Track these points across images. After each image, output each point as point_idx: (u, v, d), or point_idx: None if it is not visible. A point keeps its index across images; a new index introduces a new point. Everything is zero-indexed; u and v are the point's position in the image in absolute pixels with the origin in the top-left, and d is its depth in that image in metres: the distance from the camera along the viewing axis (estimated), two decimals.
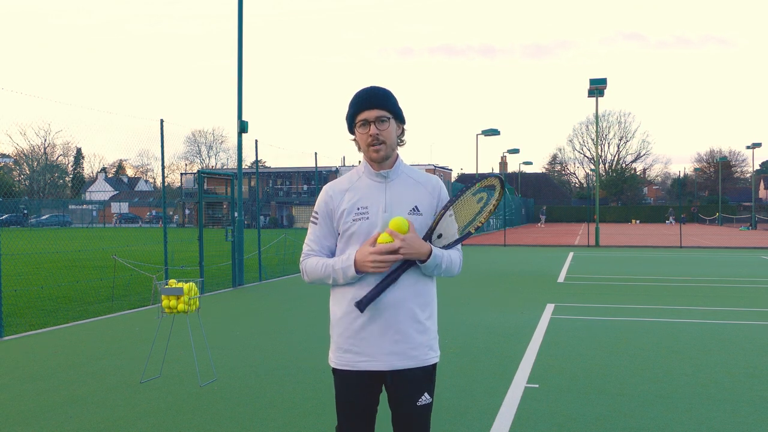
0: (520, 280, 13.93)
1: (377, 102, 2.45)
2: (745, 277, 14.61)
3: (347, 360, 2.48)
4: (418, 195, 2.52)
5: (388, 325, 2.43)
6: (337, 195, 2.52)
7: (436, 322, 2.58)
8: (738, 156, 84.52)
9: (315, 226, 2.57)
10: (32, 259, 17.44)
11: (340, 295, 2.51)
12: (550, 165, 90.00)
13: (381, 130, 2.44)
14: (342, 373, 2.51)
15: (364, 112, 2.44)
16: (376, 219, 2.45)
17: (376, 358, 2.45)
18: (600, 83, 28.84)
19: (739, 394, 5.29)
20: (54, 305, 10.41)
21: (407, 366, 2.45)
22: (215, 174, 15.96)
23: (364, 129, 2.45)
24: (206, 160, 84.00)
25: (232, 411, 4.92)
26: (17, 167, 68.28)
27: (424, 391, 2.49)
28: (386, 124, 2.45)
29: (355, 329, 2.46)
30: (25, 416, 4.83)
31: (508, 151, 49.70)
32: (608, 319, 8.94)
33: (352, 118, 2.48)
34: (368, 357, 2.45)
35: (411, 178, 2.56)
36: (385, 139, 2.45)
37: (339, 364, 2.51)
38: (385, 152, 2.47)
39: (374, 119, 2.43)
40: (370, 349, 2.45)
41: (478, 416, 4.78)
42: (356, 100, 2.47)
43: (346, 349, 2.48)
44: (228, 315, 9.53)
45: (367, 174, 2.53)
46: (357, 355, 2.46)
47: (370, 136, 2.43)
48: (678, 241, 27.39)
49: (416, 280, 2.47)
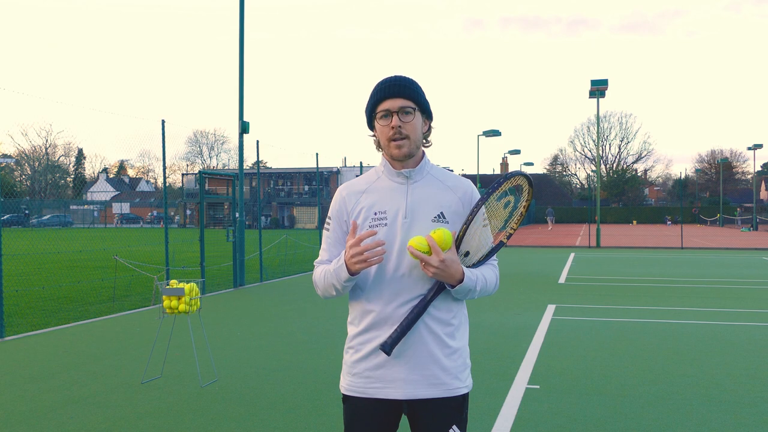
0: (521, 281, 13.93)
1: (402, 91, 2.14)
2: (746, 278, 14.60)
3: (359, 385, 2.18)
4: (446, 200, 2.19)
5: (408, 346, 2.12)
6: (352, 197, 2.22)
7: (467, 347, 2.25)
8: (739, 157, 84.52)
9: (327, 233, 2.27)
10: (33, 260, 17.46)
11: (357, 311, 2.21)
12: (551, 166, 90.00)
13: (405, 123, 2.13)
14: (353, 401, 2.20)
15: (387, 101, 2.14)
16: (395, 226, 2.14)
17: (393, 385, 2.13)
18: (601, 84, 28.85)
19: (739, 396, 5.29)
20: (55, 305, 10.42)
21: (428, 396, 2.13)
22: (216, 174, 15.97)
23: (385, 121, 2.14)
24: (207, 161, 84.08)
25: (232, 411, 4.93)
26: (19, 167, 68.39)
27: (452, 423, 2.16)
28: (411, 116, 2.14)
29: (370, 351, 2.15)
30: (26, 416, 4.84)
31: (509, 152, 49.69)
32: (609, 320, 8.94)
33: (373, 108, 2.18)
34: (383, 383, 2.14)
35: (438, 180, 2.24)
36: (409, 133, 2.14)
37: (350, 389, 2.20)
38: (409, 149, 2.15)
39: (398, 109, 2.13)
40: (387, 375, 2.14)
41: (479, 417, 4.78)
42: (378, 88, 2.17)
43: (357, 373, 2.18)
44: (229, 315, 9.54)
45: (387, 174, 2.22)
46: (370, 380, 2.16)
47: (392, 128, 2.13)
48: (679, 242, 27.38)
49: (443, 297, 2.16)
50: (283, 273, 15.40)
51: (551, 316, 9.22)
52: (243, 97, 13.38)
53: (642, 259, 20.38)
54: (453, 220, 2.17)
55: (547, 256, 21.56)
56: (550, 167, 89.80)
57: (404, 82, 2.17)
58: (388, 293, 2.14)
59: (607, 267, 17.60)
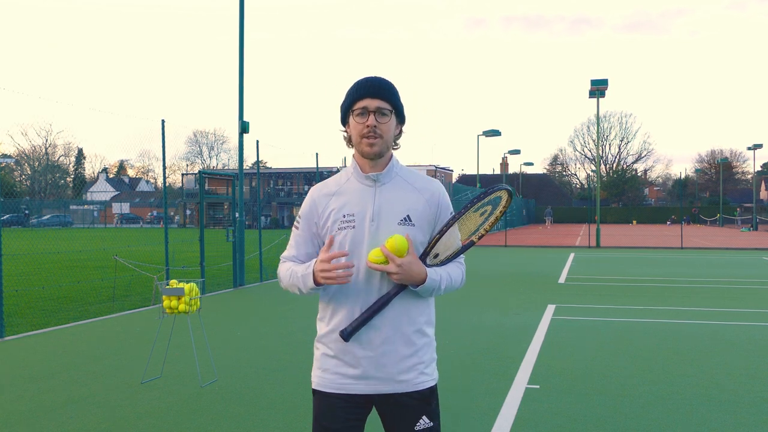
0: (521, 281, 13.93)
1: (381, 92, 2.19)
2: (746, 278, 14.60)
3: (328, 381, 2.25)
4: (413, 202, 2.23)
5: (374, 345, 2.18)
6: (322, 199, 2.27)
7: (434, 340, 2.32)
8: (739, 157, 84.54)
9: (296, 231, 2.33)
10: (33, 260, 17.45)
11: (327, 310, 2.27)
12: (551, 166, 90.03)
13: (380, 123, 2.18)
14: (321, 395, 2.28)
15: (366, 100, 2.18)
16: (363, 228, 2.19)
17: (361, 382, 2.21)
18: (601, 84, 28.86)
19: (740, 396, 5.29)
20: (55, 305, 10.42)
21: (395, 391, 2.20)
22: (216, 174, 15.98)
23: (361, 118, 2.19)
24: (207, 161, 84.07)
25: (232, 411, 4.93)
26: (18, 167, 68.37)
27: (422, 414, 2.23)
28: (387, 118, 2.20)
29: (340, 348, 2.22)
30: (26, 416, 4.84)
31: (509, 152, 49.75)
32: (609, 320, 8.94)
33: (350, 105, 2.22)
34: (352, 380, 2.21)
35: (407, 182, 2.27)
36: (383, 133, 2.19)
37: (319, 385, 2.28)
38: (380, 148, 2.20)
39: (375, 109, 2.17)
40: (355, 372, 2.20)
41: (479, 417, 4.78)
42: (358, 86, 2.22)
43: (327, 369, 2.26)
44: (229, 315, 9.54)
45: (356, 176, 2.27)
46: (338, 376, 2.23)
47: (367, 126, 2.17)
48: (679, 242, 27.38)
49: (409, 294, 2.21)
50: None
51: (551, 316, 9.22)
52: (243, 97, 13.38)
53: (642, 259, 20.38)
54: (419, 223, 2.22)
55: (547, 256, 21.56)
56: (550, 167, 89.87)
57: (384, 84, 2.22)
58: (356, 294, 2.19)
59: (607, 267, 17.60)
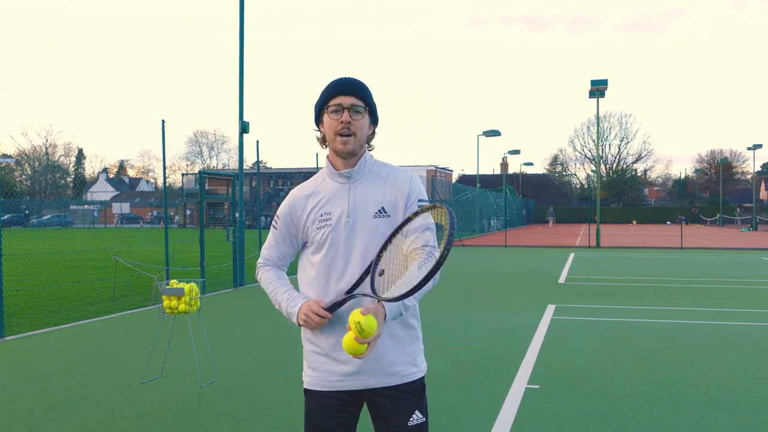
0: (521, 281, 13.93)
1: (355, 90, 2.23)
2: (746, 278, 14.60)
3: (318, 379, 2.26)
4: (385, 194, 2.26)
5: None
6: (300, 201, 2.31)
7: (419, 333, 2.34)
8: (739, 157, 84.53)
9: (275, 231, 2.37)
10: (33, 260, 17.45)
11: None
12: (551, 166, 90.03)
13: (354, 120, 2.21)
14: (313, 394, 2.28)
15: (340, 97, 2.21)
16: (339, 225, 2.22)
17: (351, 377, 2.22)
18: (601, 84, 28.86)
19: (740, 396, 5.29)
20: (55, 305, 10.42)
21: (385, 384, 2.22)
22: (216, 174, 15.99)
23: (336, 115, 2.22)
24: (207, 161, 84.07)
25: (232, 411, 4.93)
26: (19, 167, 68.38)
27: (414, 409, 2.24)
28: (360, 116, 2.23)
29: (328, 346, 2.23)
30: (26, 416, 4.84)
31: (509, 152, 49.70)
32: (609, 320, 8.94)
33: (324, 103, 2.25)
34: (341, 376, 2.22)
35: (379, 175, 2.30)
36: (356, 131, 2.22)
37: (310, 384, 2.29)
38: (353, 146, 2.23)
39: (349, 106, 2.21)
40: (344, 368, 2.21)
41: (478, 417, 4.78)
42: (333, 84, 2.25)
43: (316, 367, 2.27)
44: (229, 315, 9.54)
45: (330, 174, 2.30)
46: (328, 374, 2.24)
47: (341, 122, 2.20)
48: (679, 242, 27.38)
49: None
50: None
51: (551, 316, 9.22)
52: (243, 97, 13.38)
53: (642, 259, 20.38)
54: (394, 213, 2.24)
55: (547, 256, 21.56)
56: (550, 167, 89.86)
57: (359, 84, 2.26)
58: (337, 291, 2.21)
59: (607, 267, 17.60)
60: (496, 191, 46.29)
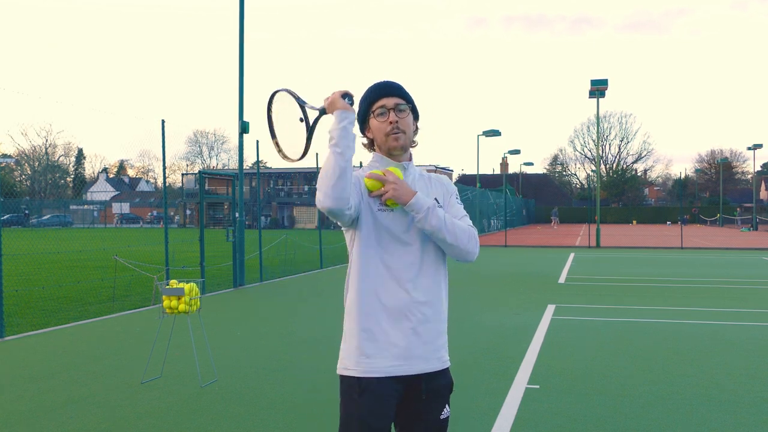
0: (521, 281, 13.93)
1: (396, 91, 2.32)
2: (746, 278, 14.59)
3: (373, 365, 2.21)
4: (435, 191, 2.40)
5: (416, 322, 2.23)
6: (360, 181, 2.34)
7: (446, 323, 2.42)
8: (739, 157, 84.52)
9: None
10: (33, 260, 17.45)
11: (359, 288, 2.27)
12: (551, 166, 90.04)
13: (400, 118, 2.29)
14: (366, 382, 2.21)
15: (383, 99, 2.30)
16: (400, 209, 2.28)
17: (408, 362, 2.22)
18: (601, 84, 28.87)
19: (739, 396, 5.29)
20: (55, 305, 10.42)
21: (433, 369, 2.27)
22: (216, 174, 15.99)
23: (382, 117, 2.29)
24: (207, 161, 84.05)
25: (232, 411, 4.93)
26: (19, 167, 68.38)
27: (446, 403, 2.33)
28: (405, 113, 2.31)
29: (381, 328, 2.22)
30: (26, 416, 4.84)
31: (509, 152, 49.67)
32: (609, 320, 8.94)
33: (369, 107, 2.32)
34: (398, 360, 2.22)
35: (422, 176, 2.45)
36: (405, 128, 2.30)
37: (366, 371, 2.22)
38: (405, 142, 2.31)
39: (393, 106, 2.29)
40: (397, 350, 2.22)
41: (478, 417, 4.78)
42: (374, 88, 2.34)
43: (371, 354, 2.22)
44: (229, 315, 9.54)
45: (385, 165, 2.34)
46: (384, 359, 2.21)
47: (390, 123, 2.28)
48: (679, 242, 27.38)
49: (435, 272, 2.30)
50: (283, 273, 15.40)
51: (551, 316, 9.22)
52: (243, 97, 13.38)
53: (642, 259, 20.38)
54: (444, 205, 2.38)
55: (547, 256, 21.55)
56: (550, 167, 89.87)
57: (397, 84, 2.36)
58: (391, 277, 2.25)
59: (607, 267, 17.60)
60: (496, 191, 46.28)
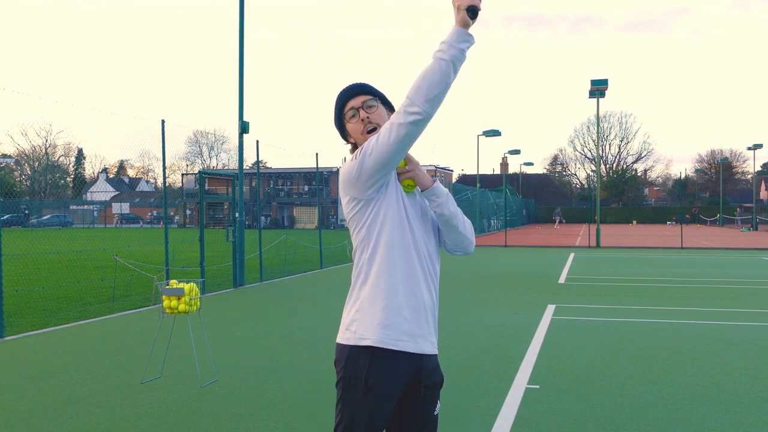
0: (521, 281, 13.93)
1: (360, 89, 2.37)
2: (746, 278, 14.59)
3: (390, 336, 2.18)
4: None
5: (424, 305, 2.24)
6: None
7: None
8: (739, 157, 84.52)
9: None
10: (33, 260, 17.45)
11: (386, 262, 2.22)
12: (551, 166, 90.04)
13: (371, 113, 2.33)
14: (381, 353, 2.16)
15: (350, 101, 2.36)
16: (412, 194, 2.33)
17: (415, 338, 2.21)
18: (601, 84, 28.85)
19: (740, 396, 5.29)
20: (55, 305, 10.42)
21: (432, 352, 2.27)
22: (216, 174, 15.97)
23: (354, 119, 2.35)
24: (207, 161, 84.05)
25: (232, 411, 4.93)
26: (19, 167, 68.37)
27: (438, 399, 2.32)
28: (374, 108, 2.35)
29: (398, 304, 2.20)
30: (26, 416, 4.84)
31: (509, 152, 49.68)
32: (609, 320, 8.94)
33: (341, 112, 2.39)
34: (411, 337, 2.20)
35: None
36: (378, 121, 2.33)
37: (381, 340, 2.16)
38: None
39: (361, 104, 2.34)
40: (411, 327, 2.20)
41: (478, 417, 4.78)
42: (340, 95, 2.40)
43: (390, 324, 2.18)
44: (229, 315, 9.54)
45: None
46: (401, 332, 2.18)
47: (362, 121, 2.32)
48: (679, 242, 27.38)
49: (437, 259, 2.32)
50: (283, 273, 15.40)
51: (551, 316, 9.22)
52: (243, 97, 13.38)
53: (642, 259, 20.38)
54: None
55: (547, 256, 21.56)
56: (550, 167, 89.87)
57: (360, 84, 2.41)
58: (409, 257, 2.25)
59: (607, 267, 17.60)
60: (496, 191, 46.27)
